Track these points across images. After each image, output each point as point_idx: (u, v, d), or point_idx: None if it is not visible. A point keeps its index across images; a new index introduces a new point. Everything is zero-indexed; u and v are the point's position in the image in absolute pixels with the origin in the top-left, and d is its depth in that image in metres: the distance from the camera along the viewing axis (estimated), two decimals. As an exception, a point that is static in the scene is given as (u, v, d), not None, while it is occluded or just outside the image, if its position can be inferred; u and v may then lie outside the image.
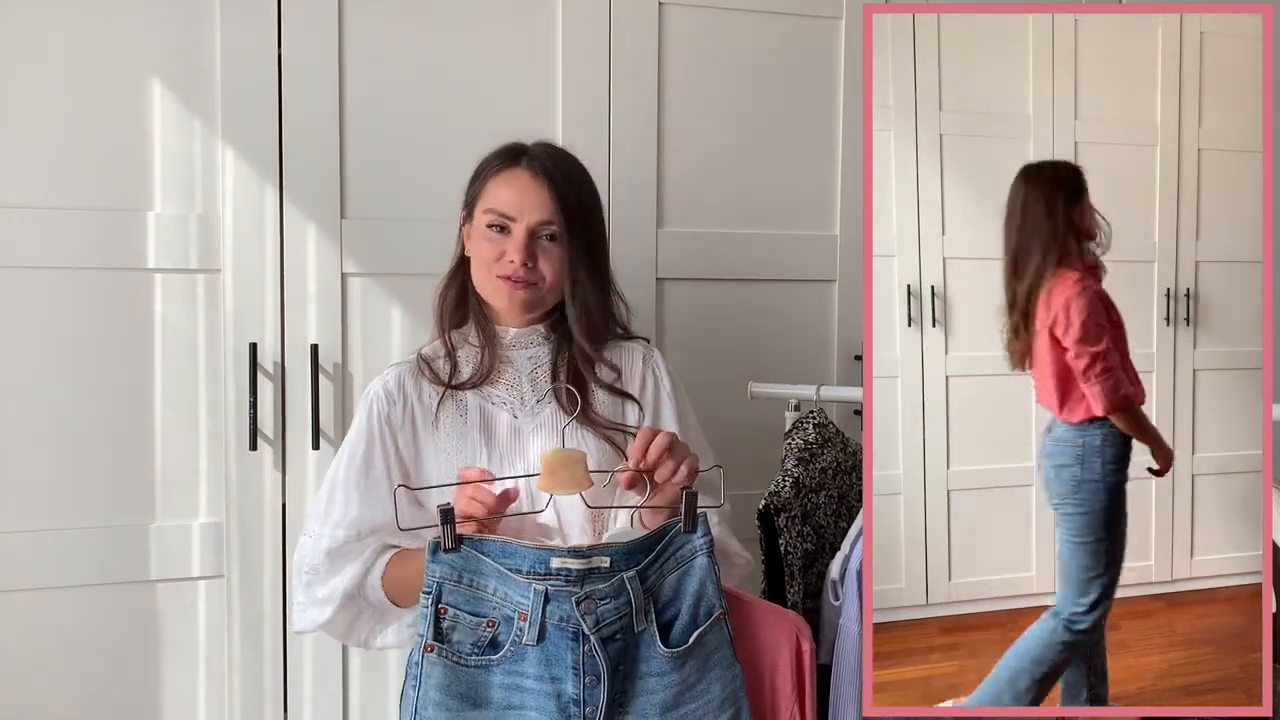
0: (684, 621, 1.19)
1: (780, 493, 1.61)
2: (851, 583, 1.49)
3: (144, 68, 1.71)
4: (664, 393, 1.44)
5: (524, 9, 1.87)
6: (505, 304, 1.38)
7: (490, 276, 1.37)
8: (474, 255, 1.40)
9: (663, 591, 1.19)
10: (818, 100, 2.04)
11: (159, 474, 1.74)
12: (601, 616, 1.15)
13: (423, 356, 1.43)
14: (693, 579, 1.20)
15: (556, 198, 1.36)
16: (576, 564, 1.15)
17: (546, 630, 1.15)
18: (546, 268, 1.36)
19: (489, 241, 1.37)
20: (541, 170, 1.37)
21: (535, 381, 1.41)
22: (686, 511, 1.19)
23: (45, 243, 1.67)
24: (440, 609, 1.16)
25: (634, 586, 1.17)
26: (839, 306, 2.06)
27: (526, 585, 1.15)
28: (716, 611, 1.20)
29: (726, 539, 1.38)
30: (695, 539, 1.20)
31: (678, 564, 1.20)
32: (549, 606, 1.15)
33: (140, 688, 1.75)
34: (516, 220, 1.36)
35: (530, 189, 1.36)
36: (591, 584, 1.15)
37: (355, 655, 1.82)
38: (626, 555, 1.17)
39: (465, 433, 1.38)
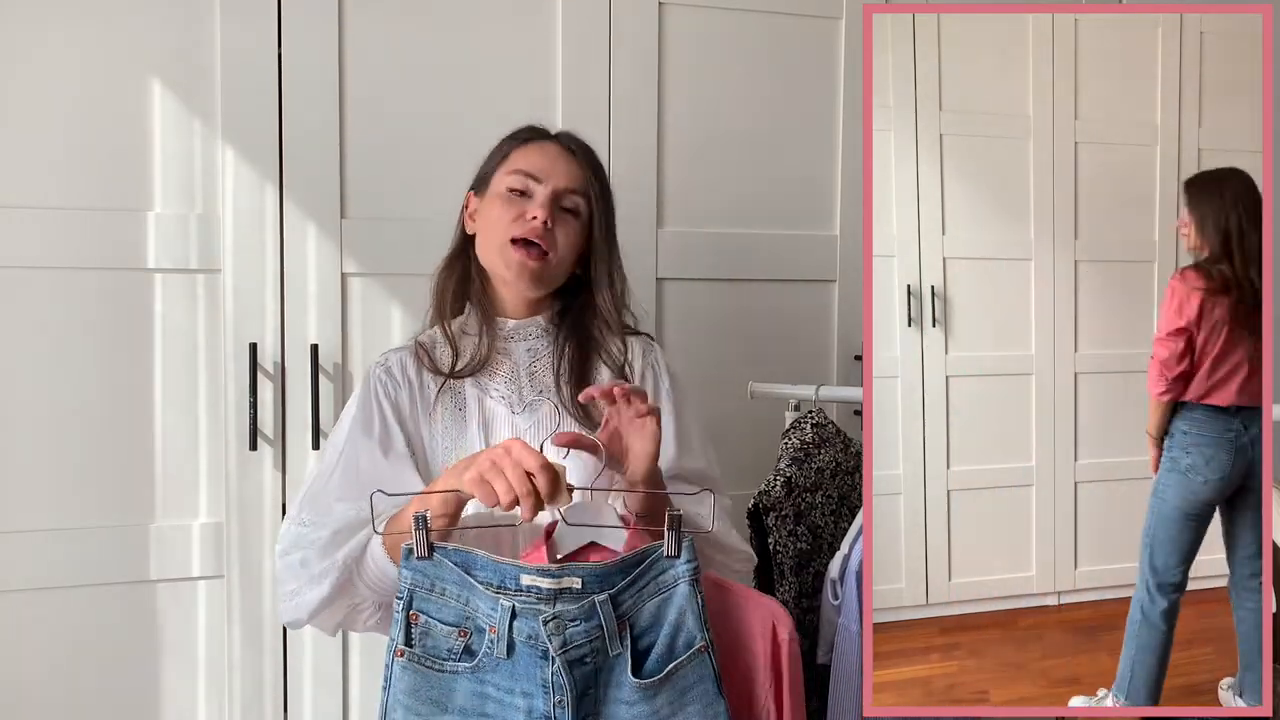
0: (659, 651, 1.12)
1: (770, 492, 1.61)
2: (851, 583, 1.49)
3: (144, 68, 1.71)
4: (663, 390, 1.42)
5: (524, 9, 1.87)
6: (515, 273, 1.34)
7: (504, 241, 1.33)
8: (486, 224, 1.37)
9: (641, 617, 1.13)
10: (818, 100, 2.04)
11: (159, 474, 1.74)
12: (570, 638, 1.10)
13: (421, 344, 1.40)
14: (672, 607, 1.13)
15: (588, 168, 1.37)
16: (547, 583, 1.10)
17: (515, 645, 1.11)
18: (562, 239, 1.35)
19: (507, 203, 1.34)
20: (572, 144, 1.39)
21: (533, 375, 1.39)
22: (671, 535, 1.12)
23: (45, 243, 1.67)
24: (412, 615, 1.13)
25: (605, 610, 1.11)
26: (839, 306, 2.06)
27: (494, 599, 1.12)
28: (698, 644, 1.12)
29: (727, 532, 1.35)
30: (679, 565, 1.12)
31: (658, 590, 1.13)
32: (515, 623, 1.11)
33: (140, 688, 1.75)
34: (543, 181, 1.35)
35: (560, 157, 1.37)
36: (562, 604, 1.10)
37: (355, 655, 1.82)
38: (600, 577, 1.11)
39: (463, 426, 1.36)
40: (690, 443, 1.40)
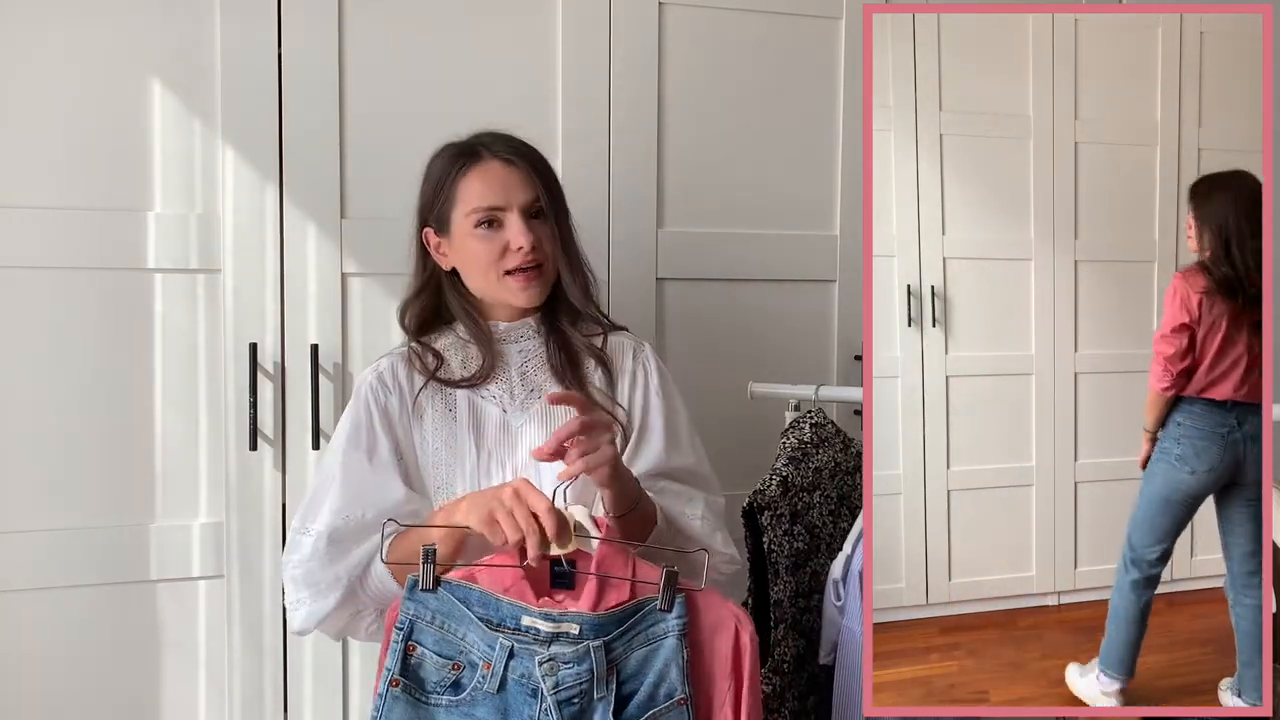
0: (640, 699, 1.16)
1: (765, 491, 1.62)
2: (854, 583, 1.49)
3: (144, 68, 1.71)
4: (652, 389, 1.42)
5: (524, 9, 1.87)
6: (524, 300, 1.37)
7: (498, 276, 1.35)
8: (468, 260, 1.38)
9: (628, 665, 1.17)
10: (818, 100, 2.04)
11: (159, 474, 1.74)
12: (562, 680, 1.14)
13: (414, 349, 1.42)
14: (658, 658, 1.17)
15: (534, 173, 1.36)
16: (546, 626, 1.15)
17: (507, 683, 1.15)
18: (546, 243, 1.36)
19: (483, 241, 1.35)
20: (507, 153, 1.37)
21: (525, 376, 1.40)
22: (667, 591, 1.16)
23: (45, 243, 1.67)
24: (409, 646, 1.17)
25: (598, 656, 1.15)
26: (839, 306, 2.06)
27: (494, 637, 1.16)
28: (678, 696, 1.16)
29: (710, 535, 1.36)
30: (669, 619, 1.17)
31: (647, 641, 1.17)
32: (511, 661, 1.15)
33: (140, 688, 1.75)
34: (507, 208, 1.35)
35: (505, 174, 1.36)
36: (558, 647, 1.15)
37: (355, 655, 1.82)
38: (597, 626, 1.15)
39: (454, 429, 1.37)
40: (679, 440, 1.41)
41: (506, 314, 1.42)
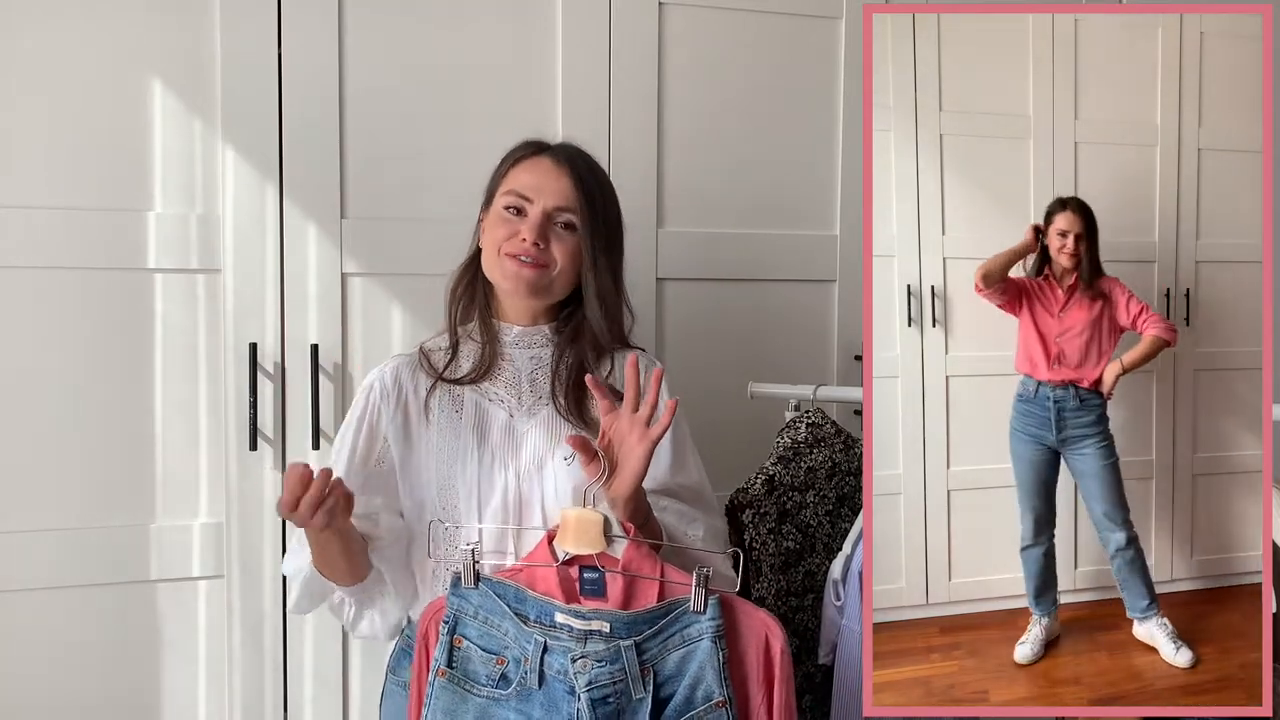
0: (678, 701, 1.18)
1: (749, 489, 1.62)
2: (854, 583, 1.49)
3: (144, 68, 1.71)
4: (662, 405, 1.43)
5: (524, 8, 1.87)
6: (512, 284, 1.37)
7: (499, 255, 1.37)
8: (487, 240, 1.41)
9: (665, 667, 1.19)
10: (818, 100, 2.04)
11: (159, 474, 1.74)
12: (595, 678, 1.17)
13: (424, 350, 1.44)
14: (694, 661, 1.18)
15: (578, 186, 1.38)
16: (578, 623, 1.18)
17: (545, 678, 1.19)
18: (560, 253, 1.37)
19: (504, 222, 1.38)
20: (564, 159, 1.39)
21: (535, 382, 1.41)
22: (698, 591, 1.18)
23: (46, 243, 1.67)
24: (455, 639, 1.23)
25: (629, 656, 1.17)
26: (839, 306, 2.06)
27: (529, 633, 1.19)
28: (716, 698, 1.18)
29: (710, 557, 1.36)
30: (703, 621, 1.18)
31: (682, 642, 1.19)
32: (546, 657, 1.19)
33: (140, 688, 1.75)
34: (534, 202, 1.37)
35: (551, 174, 1.38)
36: (591, 644, 1.18)
37: (355, 655, 1.83)
38: (627, 625, 1.18)
39: (458, 428, 1.38)
40: (685, 458, 1.42)
41: (521, 315, 1.42)
